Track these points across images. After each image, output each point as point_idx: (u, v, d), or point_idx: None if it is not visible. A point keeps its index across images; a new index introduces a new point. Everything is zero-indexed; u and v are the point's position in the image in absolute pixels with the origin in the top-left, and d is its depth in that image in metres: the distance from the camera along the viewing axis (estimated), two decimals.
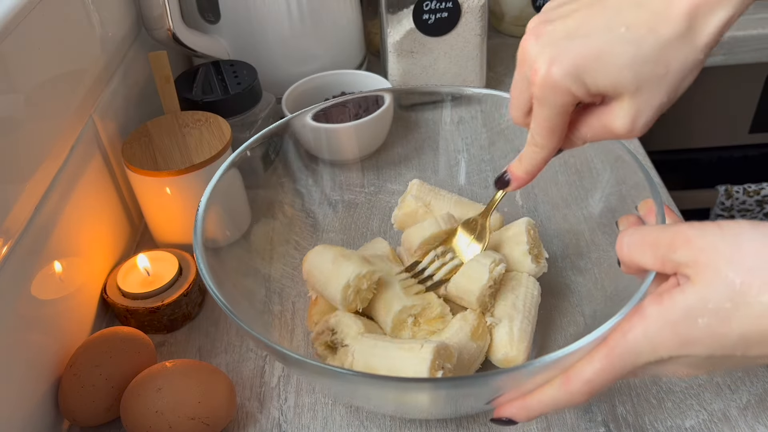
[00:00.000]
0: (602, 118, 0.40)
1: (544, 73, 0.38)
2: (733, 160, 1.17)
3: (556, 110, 0.39)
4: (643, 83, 0.37)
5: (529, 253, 0.55)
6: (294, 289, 0.58)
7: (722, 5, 0.35)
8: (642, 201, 0.47)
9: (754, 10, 1.02)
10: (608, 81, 0.37)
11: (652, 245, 0.37)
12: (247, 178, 0.59)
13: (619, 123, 0.39)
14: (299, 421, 0.51)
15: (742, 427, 0.48)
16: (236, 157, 0.55)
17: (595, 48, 0.36)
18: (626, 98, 0.38)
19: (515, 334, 0.51)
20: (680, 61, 0.36)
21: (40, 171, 0.51)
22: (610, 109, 0.39)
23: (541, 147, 0.43)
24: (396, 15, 0.78)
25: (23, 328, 0.48)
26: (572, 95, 0.38)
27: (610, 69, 0.36)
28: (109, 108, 0.65)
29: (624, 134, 0.39)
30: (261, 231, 0.59)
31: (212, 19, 0.79)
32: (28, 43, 0.50)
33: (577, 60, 0.37)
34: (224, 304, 0.43)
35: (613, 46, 0.36)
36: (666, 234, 0.37)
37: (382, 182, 0.68)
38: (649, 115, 0.38)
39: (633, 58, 0.36)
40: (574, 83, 0.37)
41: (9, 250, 0.46)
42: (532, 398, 0.40)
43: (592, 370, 0.38)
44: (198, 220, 0.49)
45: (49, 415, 0.50)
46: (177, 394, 0.47)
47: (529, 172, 0.46)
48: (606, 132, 0.40)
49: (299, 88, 0.78)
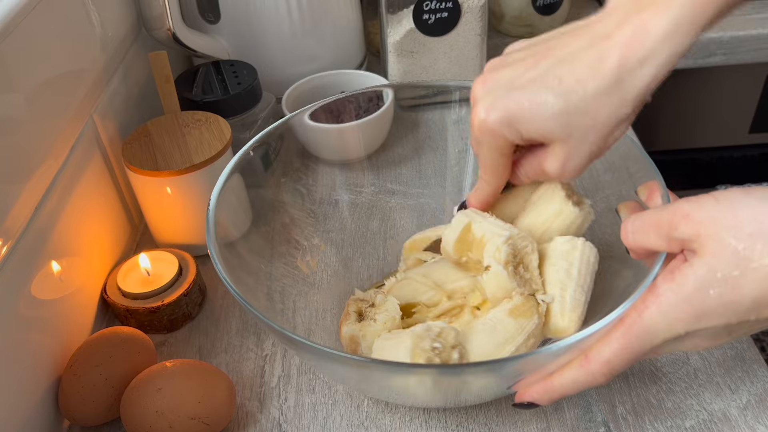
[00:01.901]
0: (538, 161, 0.44)
1: (482, 119, 0.41)
2: (733, 160, 1.17)
3: (495, 152, 0.44)
4: (572, 132, 0.40)
5: (567, 199, 0.50)
6: (294, 288, 0.58)
7: (650, 62, 0.37)
8: (641, 185, 0.47)
9: (755, 10, 1.02)
10: (537, 130, 0.40)
11: (655, 227, 0.38)
12: (247, 178, 0.59)
13: (550, 166, 0.43)
14: (299, 421, 0.51)
15: (742, 427, 0.48)
16: (245, 152, 0.55)
17: (526, 100, 0.40)
18: (557, 145, 0.41)
19: (567, 303, 0.47)
20: (607, 113, 0.39)
21: (40, 171, 0.51)
22: (545, 152, 0.43)
23: (487, 183, 0.47)
24: (396, 15, 0.78)
25: (23, 328, 0.48)
26: (507, 140, 0.42)
27: (538, 120, 0.40)
28: (109, 108, 0.65)
29: (555, 176, 0.43)
30: (261, 230, 0.59)
31: (212, 19, 0.79)
32: (28, 43, 0.50)
33: (509, 109, 0.40)
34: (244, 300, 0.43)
35: (544, 98, 0.39)
36: (665, 213, 0.38)
37: (382, 182, 0.68)
38: (578, 161, 0.42)
39: (561, 110, 0.39)
40: (507, 130, 0.41)
41: (9, 250, 0.46)
42: (553, 381, 0.41)
43: (611, 351, 0.38)
44: (210, 216, 0.49)
45: (49, 415, 0.50)
46: (177, 394, 0.47)
47: (482, 203, 0.50)
48: (540, 173, 0.44)
49: (299, 88, 0.78)
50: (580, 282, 0.48)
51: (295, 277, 0.58)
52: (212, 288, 0.63)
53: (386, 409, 0.52)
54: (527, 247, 0.49)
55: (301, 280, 0.58)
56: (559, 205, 0.50)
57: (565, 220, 0.50)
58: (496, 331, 0.46)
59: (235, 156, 0.55)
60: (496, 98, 0.41)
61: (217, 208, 0.51)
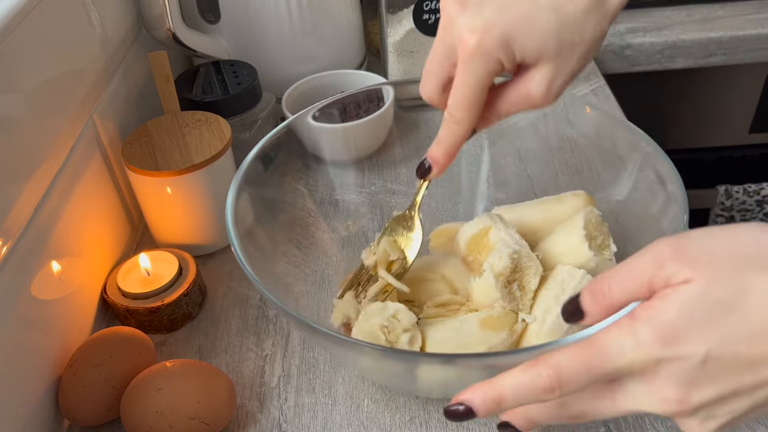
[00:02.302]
0: (520, 88, 0.42)
1: (476, 42, 0.39)
2: (733, 160, 1.17)
3: (481, 80, 0.41)
4: (562, 49, 0.39)
5: (587, 240, 0.50)
6: (296, 286, 0.58)
7: None
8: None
9: (755, 10, 1.02)
10: (534, 47, 0.39)
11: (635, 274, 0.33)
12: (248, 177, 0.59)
13: (537, 88, 0.41)
14: (299, 421, 0.51)
15: (742, 427, 0.48)
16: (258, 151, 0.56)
17: (521, 17, 0.39)
18: (545, 64, 0.40)
19: (546, 326, 0.47)
20: (592, 29, 0.39)
21: (40, 171, 0.51)
22: (527, 77, 0.41)
23: (460, 122, 0.43)
24: (396, 15, 0.78)
25: (23, 328, 0.48)
26: (499, 64, 0.40)
27: (535, 36, 0.39)
28: (109, 108, 0.65)
29: (541, 99, 0.41)
30: (262, 230, 0.59)
31: (212, 19, 0.79)
32: (28, 43, 0.50)
33: (506, 28, 0.39)
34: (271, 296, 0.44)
35: (538, 14, 0.38)
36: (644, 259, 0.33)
37: (382, 182, 0.68)
38: (563, 80, 0.41)
39: (556, 24, 0.39)
40: (503, 50, 0.39)
41: (9, 250, 0.46)
42: (493, 381, 0.35)
43: (563, 355, 0.33)
44: (228, 210, 0.50)
45: (49, 415, 0.50)
46: (177, 394, 0.47)
47: (448, 152, 0.46)
48: (523, 100, 0.42)
49: (299, 88, 0.78)
50: None
51: (297, 276, 0.58)
52: (212, 288, 0.63)
53: (386, 409, 0.52)
54: (530, 268, 0.49)
55: (302, 279, 0.58)
56: (576, 244, 0.50)
57: (578, 259, 0.50)
58: (461, 333, 0.47)
59: (254, 148, 0.55)
60: (488, 20, 0.39)
61: (236, 203, 0.51)
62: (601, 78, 0.90)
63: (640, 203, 0.55)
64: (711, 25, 0.99)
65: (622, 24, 1.01)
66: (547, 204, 0.54)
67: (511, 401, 0.34)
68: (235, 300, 0.62)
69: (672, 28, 0.99)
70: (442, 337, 0.47)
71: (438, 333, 0.48)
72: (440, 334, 0.48)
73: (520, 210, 0.56)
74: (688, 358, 0.31)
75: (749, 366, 0.30)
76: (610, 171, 0.58)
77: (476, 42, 0.39)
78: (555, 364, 0.33)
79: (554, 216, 0.53)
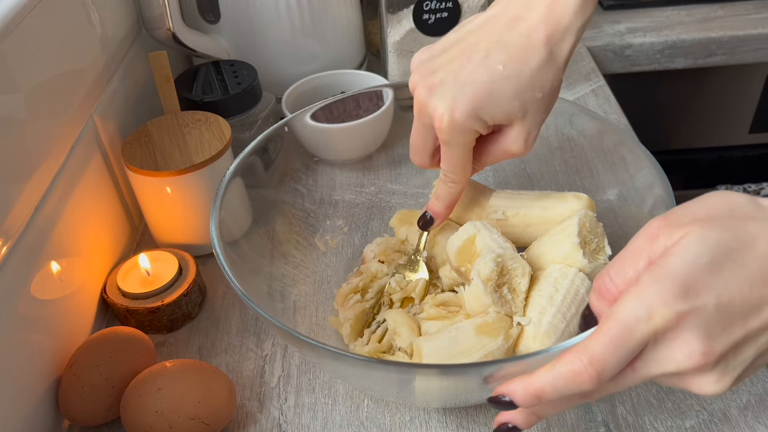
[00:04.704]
0: (500, 144, 0.47)
1: (449, 119, 0.44)
2: (733, 160, 1.17)
3: (464, 147, 0.46)
4: (527, 107, 0.44)
5: (580, 247, 0.49)
6: (295, 288, 0.58)
7: (570, 32, 0.43)
8: None
9: (755, 10, 1.02)
10: (502, 113, 0.44)
11: (632, 255, 0.34)
12: (247, 178, 0.59)
13: (515, 145, 0.46)
14: (299, 421, 0.51)
15: (742, 427, 0.48)
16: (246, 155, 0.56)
17: (485, 89, 0.43)
18: (517, 124, 0.45)
19: (542, 327, 0.46)
20: (550, 82, 0.44)
21: (40, 171, 0.51)
22: (505, 135, 0.46)
23: (456, 182, 0.49)
24: (396, 15, 0.78)
25: (23, 328, 0.48)
26: (474, 132, 0.45)
27: (501, 103, 0.43)
28: (109, 108, 0.65)
29: (520, 152, 0.46)
30: (262, 230, 0.59)
31: (212, 19, 0.79)
32: (28, 43, 0.50)
33: (473, 102, 0.43)
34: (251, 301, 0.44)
35: (498, 83, 0.43)
36: (637, 240, 0.34)
37: (382, 182, 0.68)
38: (536, 132, 0.46)
39: (516, 89, 0.43)
40: (475, 122, 0.44)
41: (9, 250, 0.46)
42: (532, 375, 0.35)
43: (591, 340, 0.33)
44: (214, 216, 0.50)
45: (49, 415, 0.50)
46: (177, 394, 0.47)
47: (448, 206, 0.52)
48: (505, 154, 0.47)
49: (299, 88, 0.78)
50: (562, 309, 0.47)
51: (296, 277, 0.58)
52: (212, 288, 0.63)
53: (386, 409, 0.52)
54: (517, 269, 0.48)
55: (301, 280, 0.58)
56: (570, 251, 0.49)
57: (573, 266, 0.49)
58: (457, 341, 0.47)
59: (237, 158, 0.55)
60: (455, 98, 0.43)
61: (222, 209, 0.51)
62: (601, 78, 0.90)
63: (632, 205, 0.55)
64: (711, 25, 0.99)
65: (622, 24, 1.01)
66: (548, 201, 0.54)
67: (550, 395, 0.34)
68: (235, 300, 0.62)
69: (672, 28, 0.99)
70: (438, 347, 0.47)
71: (433, 343, 0.47)
72: (436, 343, 0.47)
73: (520, 199, 0.56)
74: (703, 307, 0.31)
75: (754, 308, 0.31)
76: (609, 171, 0.58)
77: (448, 120, 0.44)
78: (586, 350, 0.32)
79: (552, 214, 0.53)
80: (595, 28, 1.01)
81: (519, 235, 0.55)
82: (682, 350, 0.32)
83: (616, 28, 1.00)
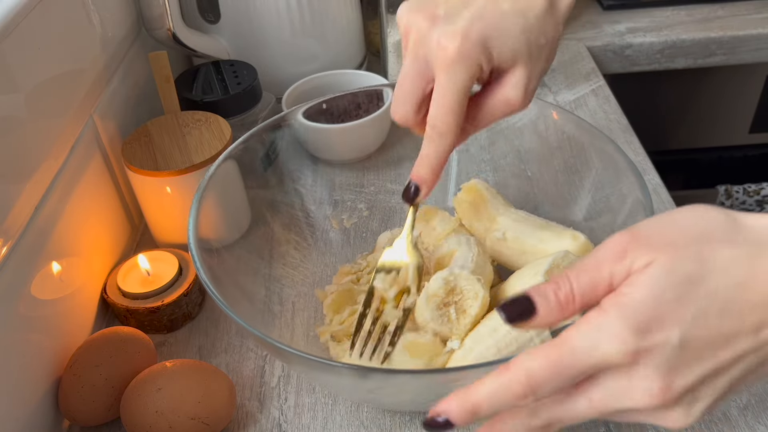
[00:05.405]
0: (497, 95, 0.43)
1: (457, 46, 0.40)
2: (733, 160, 1.17)
3: (464, 85, 0.41)
4: (532, 50, 0.42)
5: None
6: (294, 289, 0.58)
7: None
8: None
9: (755, 10, 1.02)
10: (509, 50, 0.41)
11: (593, 270, 0.32)
12: (247, 179, 0.59)
13: (515, 92, 0.42)
14: (299, 421, 0.51)
15: (742, 427, 0.48)
16: (227, 154, 0.56)
17: (494, 23, 0.41)
18: (519, 67, 0.42)
19: (470, 356, 0.45)
20: (552, 31, 0.42)
21: (40, 171, 0.51)
22: (503, 83, 0.43)
23: (444, 133, 0.42)
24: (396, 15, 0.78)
25: (23, 328, 0.48)
26: (480, 68, 0.41)
27: (509, 38, 0.41)
28: (109, 108, 0.65)
29: (520, 101, 0.43)
30: (261, 231, 0.59)
31: (212, 19, 0.79)
32: (28, 43, 0.50)
33: (482, 32, 0.40)
34: (218, 298, 0.44)
35: (507, 19, 0.41)
36: (601, 255, 0.32)
37: (382, 182, 0.68)
38: (536, 81, 0.43)
39: (523, 27, 0.41)
40: (482, 53, 0.41)
41: (9, 250, 0.46)
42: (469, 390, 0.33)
43: (533, 358, 0.31)
44: (192, 217, 0.49)
45: (49, 415, 0.50)
46: (177, 394, 0.47)
47: (435, 169, 0.44)
48: (503, 105, 0.43)
49: (299, 88, 0.78)
50: (499, 344, 0.45)
51: (295, 278, 0.58)
52: None
53: (386, 409, 0.52)
54: (470, 291, 0.47)
55: (300, 281, 0.58)
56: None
57: None
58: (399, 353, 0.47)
59: (211, 167, 0.54)
60: (463, 27, 0.40)
61: (205, 207, 0.51)
62: (601, 78, 0.90)
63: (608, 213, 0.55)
64: (711, 25, 0.99)
65: (622, 24, 1.01)
66: (547, 232, 0.53)
67: (486, 409, 0.33)
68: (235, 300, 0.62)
69: (672, 28, 0.99)
70: (401, 360, 0.47)
71: (400, 355, 0.48)
72: (400, 356, 0.48)
73: (525, 224, 0.55)
74: (665, 343, 0.30)
75: (724, 341, 0.30)
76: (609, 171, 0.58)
77: (457, 46, 0.40)
78: (526, 368, 0.31)
79: (545, 247, 0.52)
80: (595, 28, 1.01)
81: (514, 259, 0.55)
82: (640, 386, 0.31)
83: (616, 28, 1.00)
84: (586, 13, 1.05)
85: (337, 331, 0.54)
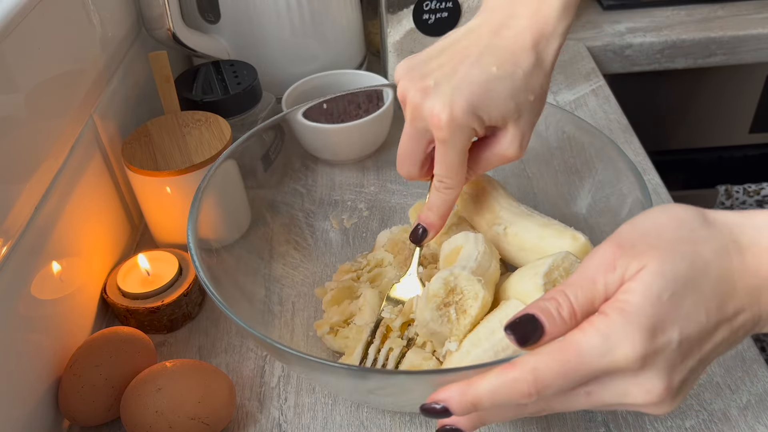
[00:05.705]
0: (494, 150, 0.47)
1: (449, 115, 0.43)
2: (733, 160, 1.17)
3: (462, 147, 0.45)
4: (522, 109, 0.44)
5: (544, 290, 0.46)
6: (294, 289, 0.58)
7: (554, 37, 0.44)
8: None
9: (755, 10, 1.02)
10: (498, 113, 0.44)
11: (587, 282, 0.33)
12: (246, 179, 0.59)
13: (510, 148, 0.46)
14: (299, 421, 0.51)
15: (742, 427, 0.49)
16: (227, 154, 0.56)
17: (481, 88, 0.43)
18: (511, 126, 0.45)
19: (468, 358, 0.45)
20: (539, 86, 0.45)
21: (40, 171, 0.51)
22: (499, 140, 0.46)
23: (452, 187, 0.48)
24: (396, 15, 0.78)
25: (23, 328, 0.48)
26: (472, 131, 0.44)
27: (498, 102, 0.43)
28: (109, 108, 0.65)
29: (515, 155, 0.46)
30: (260, 231, 0.59)
31: (212, 19, 0.79)
32: (28, 43, 0.50)
33: (470, 101, 0.43)
34: (217, 298, 0.43)
35: (494, 83, 0.43)
36: (590, 268, 0.34)
37: (382, 182, 0.68)
38: (529, 136, 0.46)
39: (511, 90, 0.43)
40: (474, 119, 0.43)
41: (9, 250, 0.46)
42: (470, 384, 0.34)
43: (539, 359, 0.32)
44: (191, 217, 0.50)
45: (49, 415, 0.50)
46: (177, 394, 0.47)
47: (443, 216, 0.50)
48: (500, 159, 0.47)
49: (299, 88, 0.78)
50: (496, 347, 0.45)
51: (295, 278, 0.58)
52: None
53: (386, 409, 0.52)
54: (470, 291, 0.47)
55: (300, 281, 0.58)
56: (531, 288, 0.47)
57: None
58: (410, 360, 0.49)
59: (211, 167, 0.55)
60: (453, 97, 0.43)
61: (204, 207, 0.51)
62: (601, 78, 0.90)
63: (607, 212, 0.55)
64: (711, 25, 0.99)
65: (622, 24, 1.01)
66: (548, 230, 0.52)
67: (487, 404, 0.34)
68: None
69: (672, 28, 0.99)
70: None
71: None
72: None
73: (527, 220, 0.54)
74: (668, 344, 0.31)
75: (708, 334, 0.32)
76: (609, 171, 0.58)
77: (448, 117, 0.43)
78: (532, 368, 0.32)
79: (545, 246, 0.52)
80: (595, 28, 1.01)
81: (513, 255, 0.54)
82: (643, 387, 0.32)
83: (616, 28, 1.00)
84: (586, 13, 1.05)
85: (335, 323, 0.53)
